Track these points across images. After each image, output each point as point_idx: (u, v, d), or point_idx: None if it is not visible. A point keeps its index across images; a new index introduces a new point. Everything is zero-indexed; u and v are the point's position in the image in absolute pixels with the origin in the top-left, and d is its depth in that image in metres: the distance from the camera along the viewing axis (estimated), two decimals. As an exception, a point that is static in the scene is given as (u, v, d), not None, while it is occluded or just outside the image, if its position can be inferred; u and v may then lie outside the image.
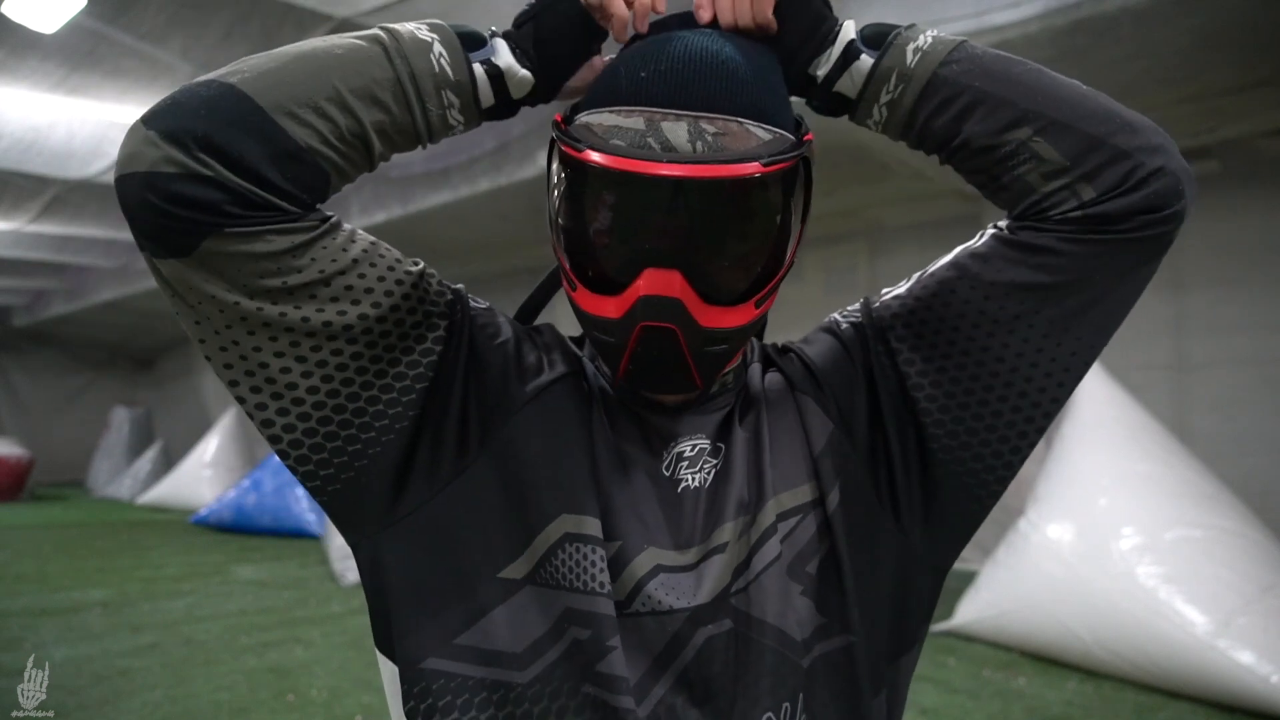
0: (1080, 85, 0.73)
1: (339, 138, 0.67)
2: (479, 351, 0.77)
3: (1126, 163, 0.68)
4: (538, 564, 0.73)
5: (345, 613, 5.57)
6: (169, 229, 0.63)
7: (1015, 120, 0.70)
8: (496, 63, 0.73)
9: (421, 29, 0.71)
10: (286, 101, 0.65)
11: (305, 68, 0.66)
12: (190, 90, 0.64)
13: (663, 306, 0.68)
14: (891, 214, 6.47)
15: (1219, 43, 3.70)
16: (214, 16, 4.33)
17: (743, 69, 0.70)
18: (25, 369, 15.69)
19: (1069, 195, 0.70)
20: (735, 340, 0.73)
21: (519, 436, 0.76)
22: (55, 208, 7.87)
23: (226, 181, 0.62)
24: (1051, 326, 0.73)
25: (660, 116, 0.67)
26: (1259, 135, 4.75)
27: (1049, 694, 3.85)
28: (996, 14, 3.61)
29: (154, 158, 0.61)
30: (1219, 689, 3.56)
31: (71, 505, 12.13)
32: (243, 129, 0.63)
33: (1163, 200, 0.69)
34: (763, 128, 0.69)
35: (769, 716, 0.72)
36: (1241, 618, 3.60)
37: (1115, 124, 0.70)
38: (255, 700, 3.88)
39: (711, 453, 0.79)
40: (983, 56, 0.73)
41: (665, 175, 0.65)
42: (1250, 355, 5.15)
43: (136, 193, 0.62)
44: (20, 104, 5.45)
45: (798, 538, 0.77)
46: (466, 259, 8.45)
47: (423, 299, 0.74)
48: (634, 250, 0.69)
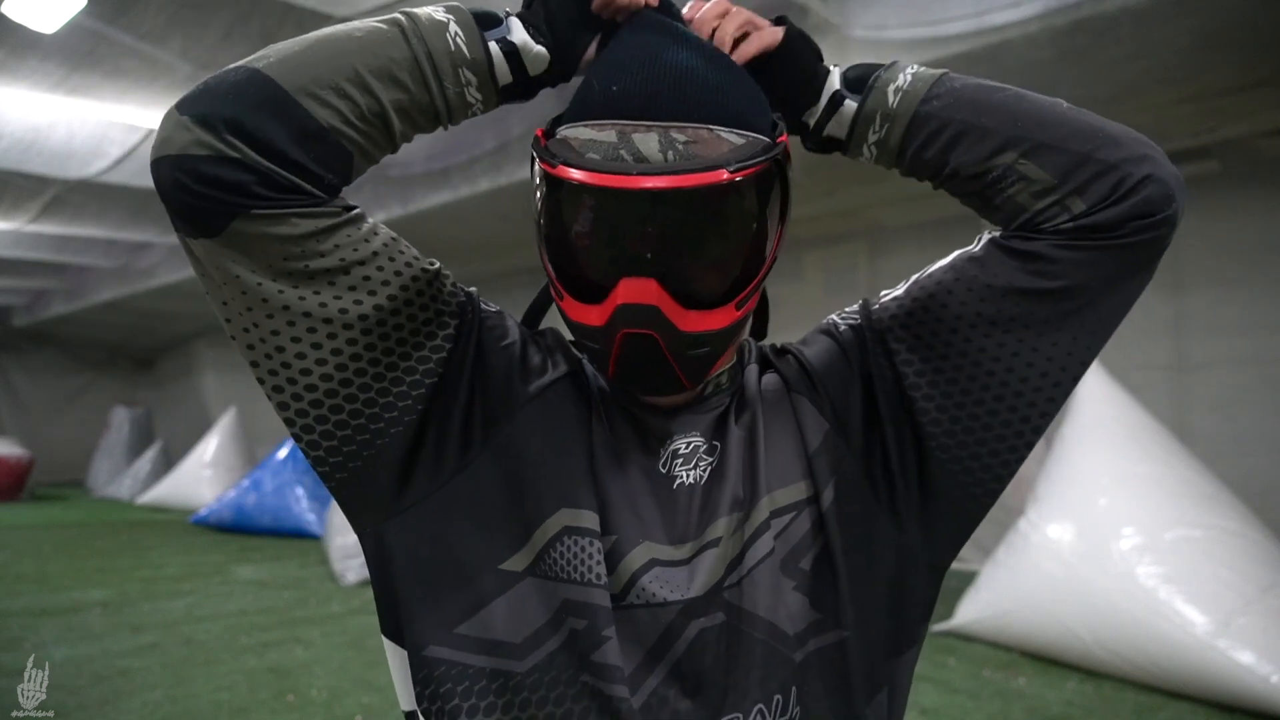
0: (1062, 104, 0.75)
1: (360, 117, 0.69)
2: (486, 352, 0.80)
3: (1114, 174, 0.70)
4: (538, 556, 0.75)
5: (345, 613, 5.57)
6: (200, 210, 0.66)
7: (1000, 146, 0.73)
8: (512, 40, 0.74)
9: (438, 11, 0.73)
10: (309, 83, 0.67)
11: (326, 51, 0.69)
12: (220, 76, 0.67)
13: (641, 314, 0.69)
14: (891, 214, 6.47)
15: (1219, 43, 3.70)
16: (214, 16, 4.33)
17: (712, 77, 0.72)
18: (25, 369, 15.69)
19: (1060, 210, 0.72)
20: (718, 342, 0.74)
21: (521, 434, 0.78)
22: (55, 208, 7.87)
23: (253, 163, 0.65)
24: (1047, 328, 0.74)
25: (632, 129, 0.69)
26: (1259, 135, 4.75)
27: (1049, 694, 3.85)
28: (996, 14, 3.61)
29: (185, 141, 0.64)
30: (1219, 689, 3.56)
31: (71, 505, 12.13)
32: (268, 111, 0.65)
33: (1153, 206, 0.71)
34: (734, 133, 0.71)
35: (759, 708, 0.74)
36: (1241, 618, 3.60)
37: (1099, 139, 0.72)
38: (255, 700, 3.88)
39: (707, 450, 0.81)
40: (962, 89, 0.76)
41: (637, 188, 0.66)
42: (1250, 355, 5.15)
43: (169, 174, 0.65)
44: (20, 104, 5.46)
45: (791, 534, 0.79)
46: (466, 259, 8.45)
47: (436, 297, 0.77)
48: (612, 259, 0.71)
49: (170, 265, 10.12)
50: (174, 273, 10.06)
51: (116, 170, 6.55)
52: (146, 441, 14.18)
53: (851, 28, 3.99)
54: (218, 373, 14.50)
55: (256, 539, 8.68)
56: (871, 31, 3.95)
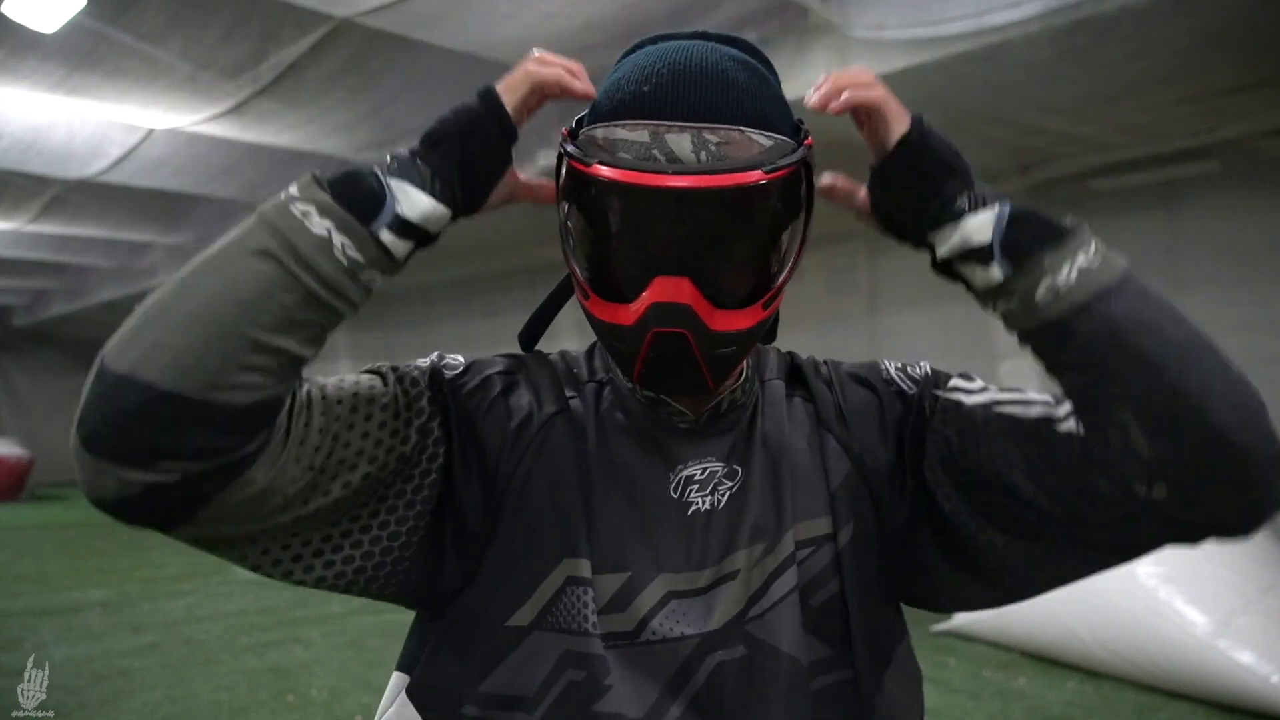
0: (1230, 370, 0.65)
1: (275, 375, 0.62)
2: (475, 424, 0.78)
3: (1249, 499, 0.64)
4: (543, 610, 0.75)
5: (345, 613, 5.56)
6: (165, 523, 0.64)
7: (1123, 400, 0.64)
8: (403, 214, 0.66)
9: (309, 212, 0.63)
10: (211, 378, 0.59)
11: (210, 328, 0.60)
12: (108, 397, 0.59)
13: (673, 313, 0.69)
14: (891, 214, 6.45)
15: (1219, 43, 3.70)
16: (214, 16, 4.32)
17: (742, 78, 0.72)
18: (25, 369, 15.68)
19: (1142, 486, 0.65)
20: (744, 342, 0.74)
21: (522, 489, 0.77)
22: (55, 208, 7.85)
23: (192, 473, 0.61)
24: (1048, 557, 0.74)
25: (665, 129, 0.69)
26: (1259, 135, 4.75)
27: (1049, 694, 3.84)
28: (996, 14, 3.60)
29: (114, 486, 0.60)
30: (1219, 689, 3.56)
31: (71, 505, 12.12)
32: (185, 424, 0.59)
33: (1249, 526, 0.66)
34: (764, 135, 0.71)
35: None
36: (1241, 618, 3.60)
37: (1251, 459, 0.62)
38: (255, 700, 3.88)
39: (727, 474, 0.79)
40: (1123, 321, 0.64)
41: (672, 186, 0.66)
42: (1250, 355, 5.12)
43: (120, 514, 0.62)
44: (20, 104, 5.45)
45: (811, 568, 0.78)
46: (466, 259, 8.43)
47: (409, 421, 0.74)
48: (644, 259, 0.71)
49: (170, 265, 10.11)
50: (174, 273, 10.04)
51: (116, 170, 6.55)
52: (146, 441, 14.17)
53: (851, 28, 3.98)
54: (218, 373, 14.48)
55: (256, 539, 8.67)
56: (871, 31, 3.95)
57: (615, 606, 0.74)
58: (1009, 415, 0.74)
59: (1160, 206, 5.24)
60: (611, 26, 4.08)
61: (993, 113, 4.41)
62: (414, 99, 5.19)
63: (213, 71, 4.79)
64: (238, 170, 6.73)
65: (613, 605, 0.74)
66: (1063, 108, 4.34)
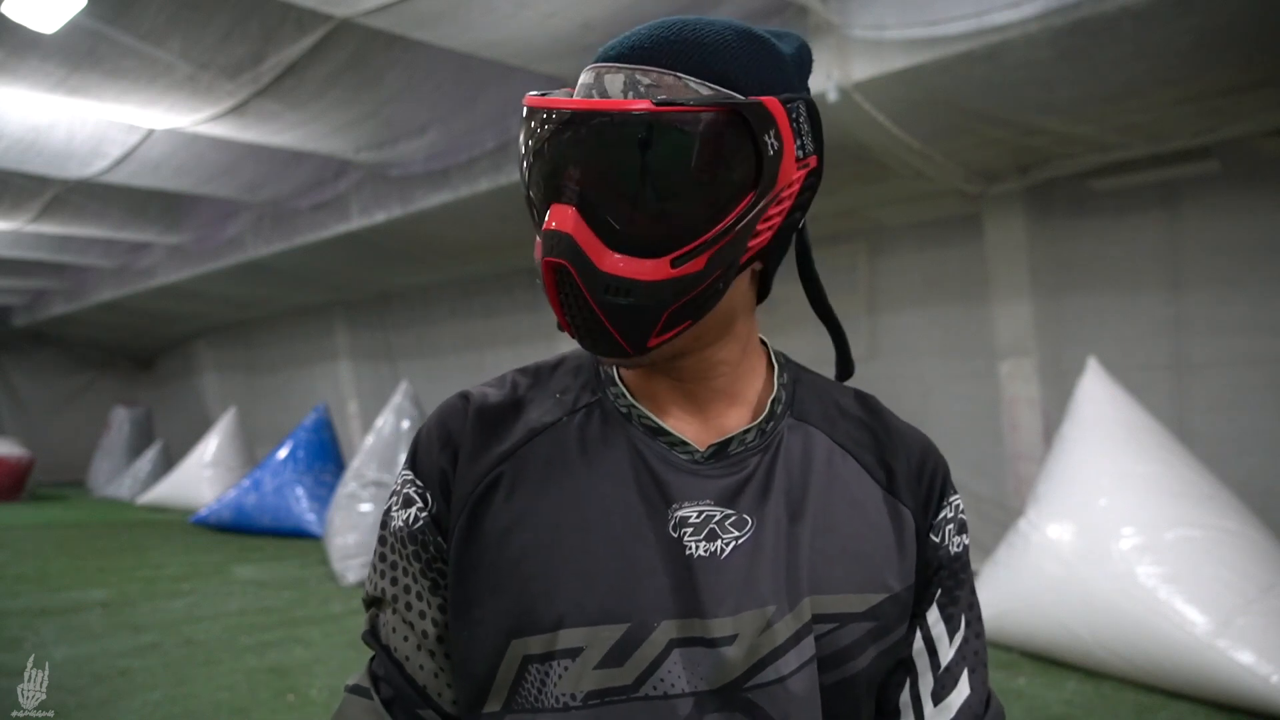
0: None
1: None
2: (469, 522, 0.76)
3: None
4: (509, 695, 0.72)
5: (345, 613, 5.57)
6: None
7: None
8: None
9: None
10: None
11: None
12: None
13: (558, 241, 0.67)
14: (891, 214, 6.46)
15: (1219, 43, 3.70)
16: (214, 16, 4.33)
17: (709, 36, 0.70)
18: (25, 369, 15.69)
19: None
20: (645, 296, 0.67)
21: (463, 554, 0.77)
22: (55, 208, 7.86)
23: None
24: None
25: (605, 69, 0.70)
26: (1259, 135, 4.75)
27: (1049, 694, 3.85)
28: (996, 14, 3.61)
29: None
30: (1219, 689, 3.56)
31: (71, 505, 12.12)
32: None
33: None
34: (705, 85, 0.68)
35: None
36: (1241, 618, 3.60)
37: None
38: (255, 700, 3.88)
39: (734, 523, 0.73)
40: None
41: (559, 108, 0.67)
42: (1250, 355, 5.14)
43: None
44: (20, 104, 5.45)
45: (831, 644, 0.73)
46: (466, 259, 8.44)
47: (435, 557, 0.78)
48: (544, 188, 0.70)
49: (170, 265, 10.11)
50: (174, 273, 10.06)
51: (116, 170, 6.55)
52: (146, 441, 14.18)
53: (851, 28, 3.99)
54: (218, 373, 14.49)
55: (256, 539, 8.68)
56: (871, 32, 3.95)
57: (613, 660, 0.69)
58: (969, 644, 0.80)
59: (1160, 206, 5.24)
60: (611, 26, 4.09)
61: (993, 113, 4.41)
62: (414, 99, 5.20)
63: (213, 72, 4.79)
64: (238, 170, 6.74)
65: (610, 659, 0.69)
66: (1063, 108, 4.35)
